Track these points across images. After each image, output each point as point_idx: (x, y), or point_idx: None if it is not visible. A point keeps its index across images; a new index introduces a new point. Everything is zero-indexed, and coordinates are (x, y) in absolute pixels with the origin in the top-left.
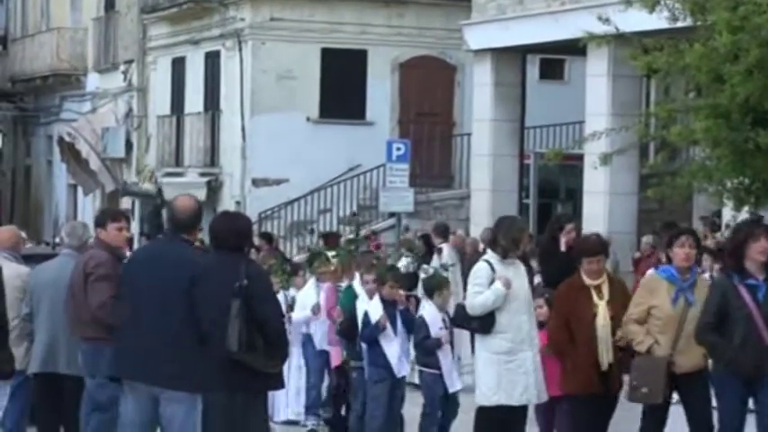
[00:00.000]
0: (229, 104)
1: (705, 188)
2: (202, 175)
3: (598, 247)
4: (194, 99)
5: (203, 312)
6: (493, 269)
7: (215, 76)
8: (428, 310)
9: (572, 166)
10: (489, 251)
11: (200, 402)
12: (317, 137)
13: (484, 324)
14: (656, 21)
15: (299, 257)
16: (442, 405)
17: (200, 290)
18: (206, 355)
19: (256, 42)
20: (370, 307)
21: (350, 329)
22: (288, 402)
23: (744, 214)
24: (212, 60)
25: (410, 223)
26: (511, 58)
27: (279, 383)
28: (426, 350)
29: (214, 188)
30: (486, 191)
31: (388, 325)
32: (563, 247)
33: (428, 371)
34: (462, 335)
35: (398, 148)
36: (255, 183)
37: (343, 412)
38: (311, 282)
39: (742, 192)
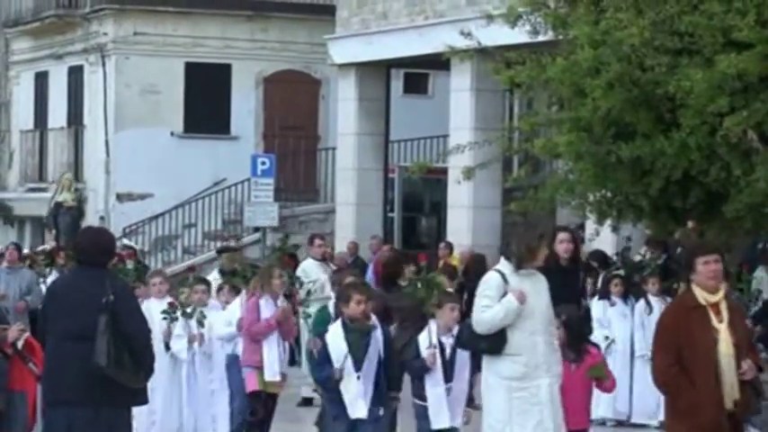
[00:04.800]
0: (93, 119)
1: (568, 201)
2: None
3: (715, 242)
4: (57, 114)
5: (64, 327)
6: (506, 280)
7: (78, 90)
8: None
9: (436, 179)
10: (502, 260)
11: None
12: (181, 151)
13: (493, 344)
14: (518, 35)
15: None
16: None
17: (59, 304)
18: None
19: (120, 57)
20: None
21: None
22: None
23: (606, 227)
24: (75, 75)
25: (275, 238)
26: (375, 72)
27: (143, 399)
28: (413, 372)
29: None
30: (351, 205)
31: (349, 361)
32: (563, 261)
33: (417, 401)
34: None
35: (263, 163)
36: (120, 198)
37: None
38: (239, 297)
39: (604, 205)
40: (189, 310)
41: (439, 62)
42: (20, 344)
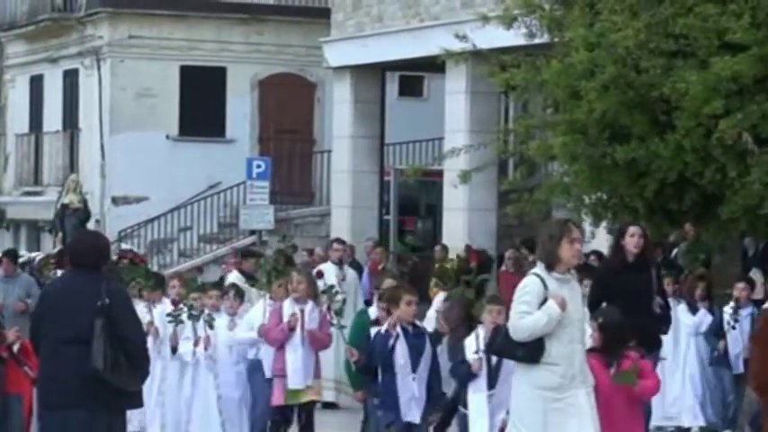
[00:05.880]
0: (88, 123)
1: (563, 204)
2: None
3: None
4: (53, 117)
5: (59, 330)
6: (545, 285)
7: (73, 94)
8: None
9: (432, 182)
10: (539, 263)
11: None
12: (176, 155)
13: (531, 352)
14: (513, 37)
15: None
16: None
17: (54, 307)
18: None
19: (115, 60)
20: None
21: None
22: None
23: (602, 229)
24: (71, 78)
25: (270, 240)
26: (370, 75)
27: (138, 402)
28: (458, 377)
29: None
30: (346, 207)
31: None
32: (630, 258)
33: (462, 410)
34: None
35: (258, 166)
36: (115, 201)
37: None
38: (262, 300)
39: (599, 207)
40: (195, 312)
41: (434, 65)
42: (15, 347)
